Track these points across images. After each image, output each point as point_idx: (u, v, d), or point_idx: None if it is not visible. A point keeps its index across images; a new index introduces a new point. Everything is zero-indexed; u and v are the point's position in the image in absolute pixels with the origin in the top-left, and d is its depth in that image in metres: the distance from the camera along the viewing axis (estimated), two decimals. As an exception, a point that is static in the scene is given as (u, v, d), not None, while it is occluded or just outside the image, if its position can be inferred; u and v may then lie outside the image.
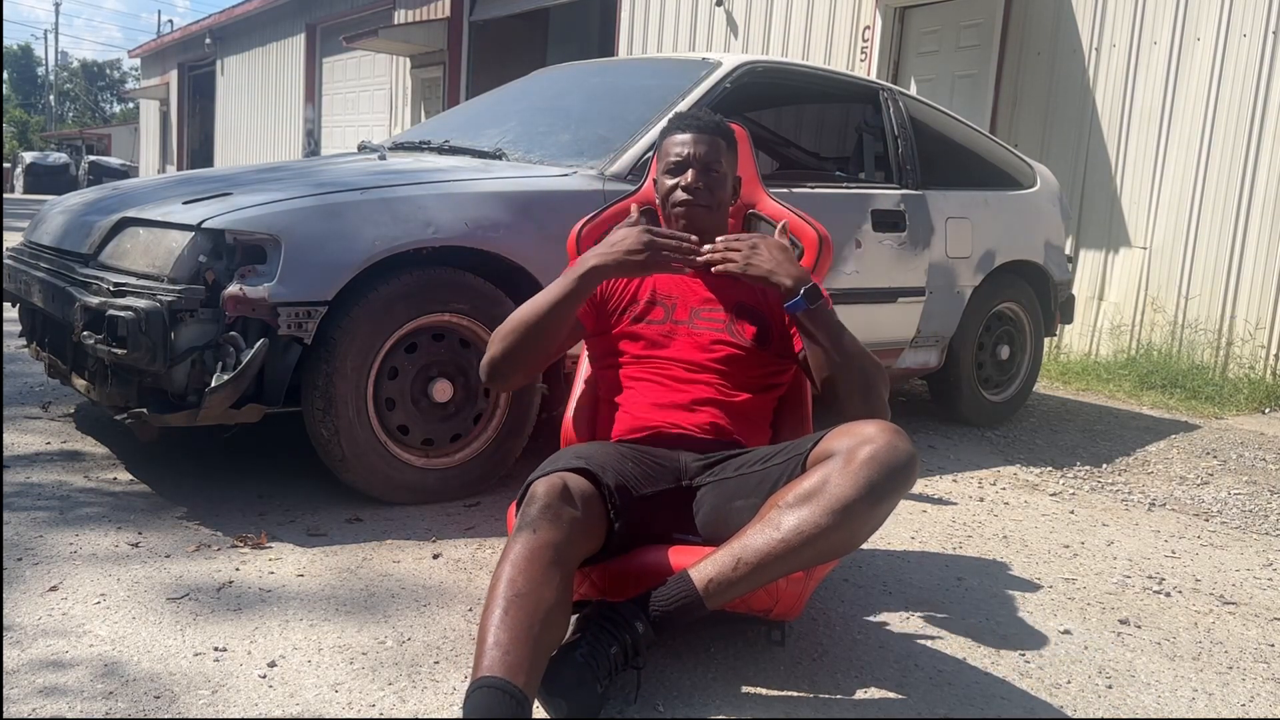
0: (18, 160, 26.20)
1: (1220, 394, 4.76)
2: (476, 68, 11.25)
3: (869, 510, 1.53)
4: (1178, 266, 5.33)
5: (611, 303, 1.96)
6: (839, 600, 2.10)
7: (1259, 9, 4.99)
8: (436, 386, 2.50)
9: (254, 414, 2.30)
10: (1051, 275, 4.11)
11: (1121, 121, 5.56)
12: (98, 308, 2.23)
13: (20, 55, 58.93)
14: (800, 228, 2.15)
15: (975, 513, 2.85)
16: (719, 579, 1.55)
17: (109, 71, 59.82)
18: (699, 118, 1.97)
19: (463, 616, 1.88)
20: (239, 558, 2.09)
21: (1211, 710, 1.76)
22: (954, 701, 1.69)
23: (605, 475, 1.66)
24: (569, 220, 2.20)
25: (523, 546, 1.49)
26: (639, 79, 3.56)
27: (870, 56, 6.75)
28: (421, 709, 1.54)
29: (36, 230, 2.95)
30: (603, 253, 1.77)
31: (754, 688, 1.67)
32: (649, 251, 1.74)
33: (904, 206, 3.49)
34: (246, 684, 1.58)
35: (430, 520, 2.41)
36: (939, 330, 3.68)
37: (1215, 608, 2.25)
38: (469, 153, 3.10)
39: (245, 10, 16.45)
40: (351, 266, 2.32)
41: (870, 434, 1.57)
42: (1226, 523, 2.95)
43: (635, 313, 1.94)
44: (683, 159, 1.92)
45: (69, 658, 1.62)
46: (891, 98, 3.66)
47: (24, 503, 2.32)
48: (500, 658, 1.37)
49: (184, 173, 3.45)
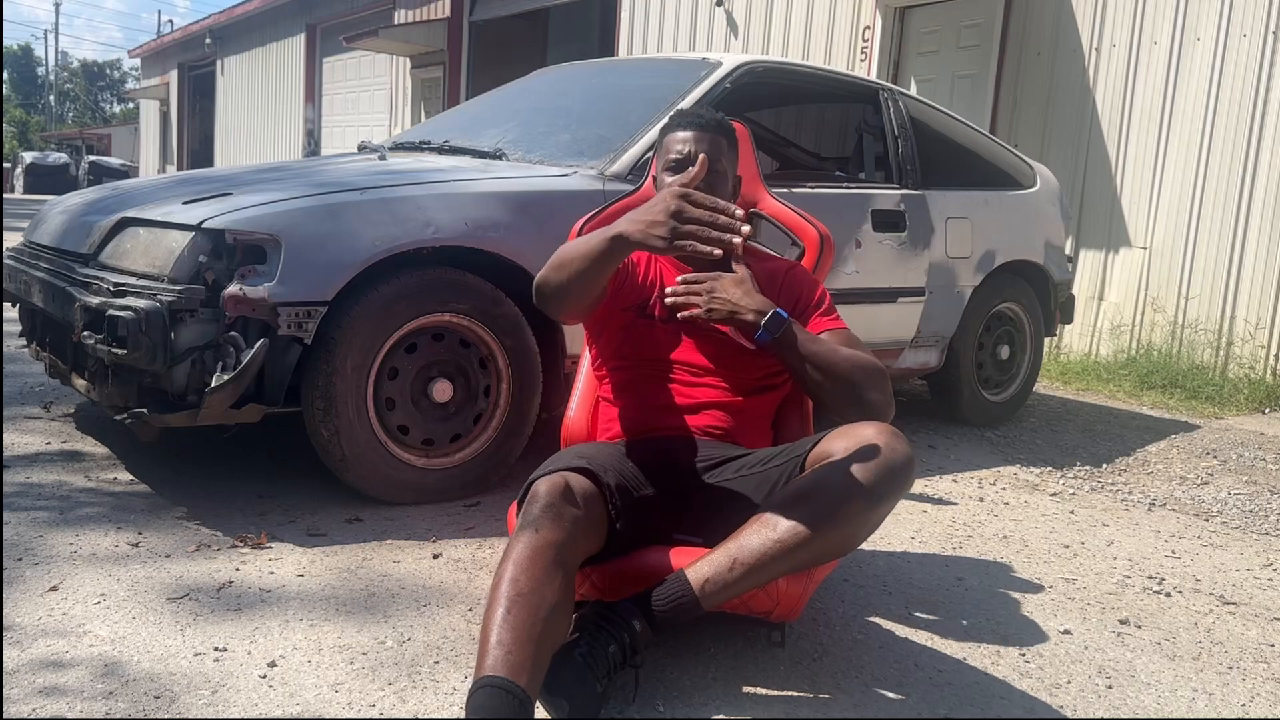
0: (18, 160, 26.21)
1: (1220, 394, 4.76)
2: (476, 68, 11.25)
3: (866, 512, 1.54)
4: (1178, 266, 5.33)
5: (630, 282, 1.90)
6: (839, 600, 2.10)
7: (1259, 9, 4.99)
8: (436, 387, 2.49)
9: (254, 414, 2.30)
10: (1051, 275, 4.11)
11: (1121, 121, 5.56)
12: (98, 308, 2.23)
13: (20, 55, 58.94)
14: (801, 227, 2.15)
15: (975, 513, 2.85)
16: (715, 579, 1.55)
17: (109, 71, 59.84)
18: (701, 115, 1.97)
19: (463, 616, 1.88)
20: (239, 558, 2.09)
21: (1211, 710, 1.76)
22: (954, 701, 1.69)
23: (606, 475, 1.66)
24: (569, 220, 2.20)
25: (525, 546, 1.49)
26: (639, 79, 3.56)
27: (870, 56, 6.75)
28: (421, 709, 1.54)
29: (36, 230, 2.95)
30: (633, 218, 1.56)
31: (754, 688, 1.67)
32: (670, 227, 1.49)
33: (904, 206, 3.49)
34: (246, 684, 1.58)
35: (430, 520, 2.41)
36: (939, 330, 3.68)
37: (1215, 608, 2.25)
38: (469, 153, 3.10)
39: (245, 10, 16.45)
40: (351, 266, 2.32)
41: (868, 436, 1.57)
42: (1226, 523, 2.95)
43: (645, 301, 1.90)
44: (684, 156, 1.91)
45: (69, 658, 1.62)
46: (892, 98, 3.66)
47: (24, 503, 2.32)
48: (503, 657, 1.37)
49: (184, 173, 3.45)
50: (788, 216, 2.18)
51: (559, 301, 1.73)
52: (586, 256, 1.63)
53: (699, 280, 1.77)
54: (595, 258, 1.62)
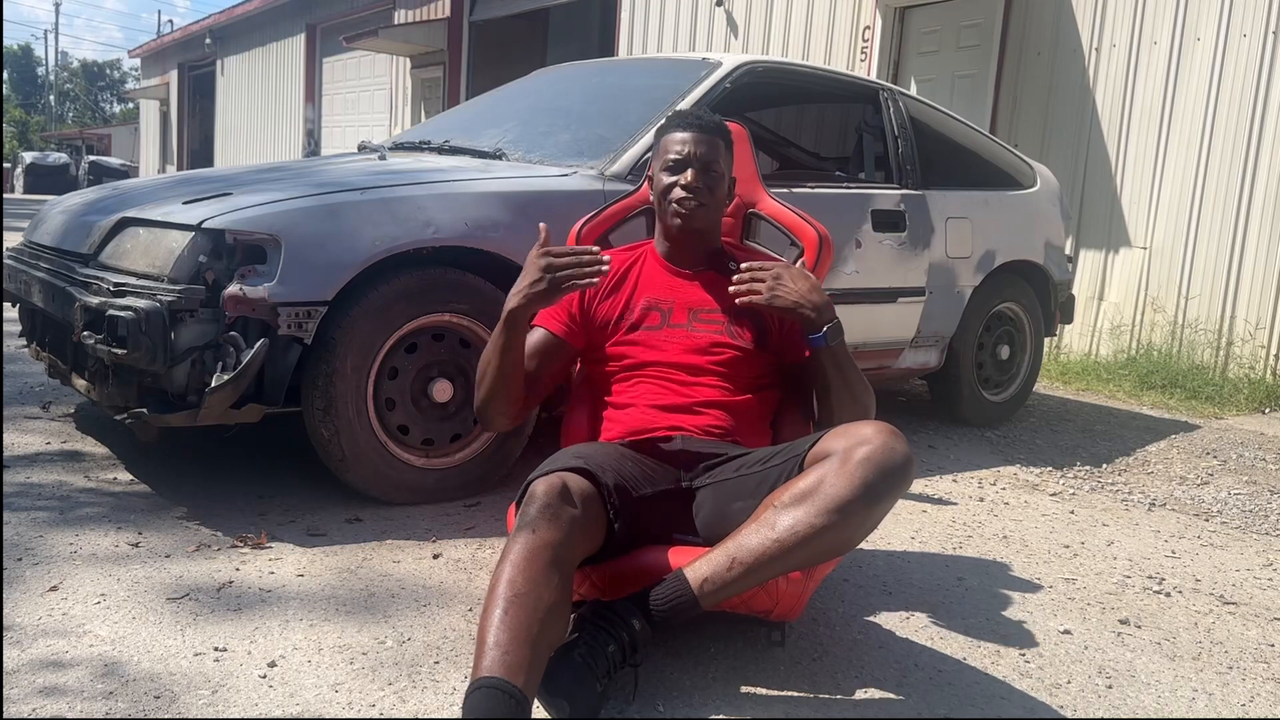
0: (18, 160, 26.21)
1: (1220, 394, 4.76)
2: (476, 68, 11.25)
3: (864, 511, 1.54)
4: (1178, 266, 5.33)
5: (600, 319, 1.96)
6: (839, 600, 2.10)
7: (1259, 9, 4.99)
8: (436, 386, 2.50)
9: (254, 414, 2.30)
10: (1051, 275, 4.11)
11: (1121, 121, 5.56)
12: (98, 308, 2.23)
13: (20, 55, 58.94)
14: (799, 227, 2.15)
15: (975, 513, 2.85)
16: (714, 578, 1.55)
17: (109, 71, 59.83)
18: (698, 116, 1.97)
19: (463, 616, 1.88)
20: (239, 558, 2.09)
21: (1211, 710, 1.76)
22: (954, 701, 1.69)
23: (604, 475, 1.66)
24: (569, 220, 2.20)
25: (522, 546, 1.49)
26: (639, 79, 3.56)
27: (870, 56, 6.75)
28: (421, 709, 1.54)
29: (36, 230, 2.95)
30: (514, 291, 1.75)
31: (754, 688, 1.67)
32: (548, 277, 1.71)
33: (904, 206, 3.49)
34: (246, 684, 1.58)
35: (430, 520, 2.41)
36: (939, 330, 3.68)
37: (1215, 608, 2.25)
38: (469, 153, 3.10)
39: (245, 10, 16.45)
40: (351, 266, 2.32)
41: (867, 435, 1.57)
42: (1226, 523, 2.95)
43: (631, 321, 1.94)
44: (682, 157, 1.92)
45: (69, 658, 1.62)
46: (891, 98, 3.66)
47: (24, 503, 2.32)
48: (500, 658, 1.37)
49: (184, 173, 3.45)
50: (786, 217, 2.18)
51: (499, 409, 1.86)
52: (495, 352, 1.79)
53: (764, 268, 1.81)
54: (501, 347, 1.78)
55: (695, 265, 1.99)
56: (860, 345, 3.36)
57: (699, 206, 1.91)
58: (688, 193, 1.90)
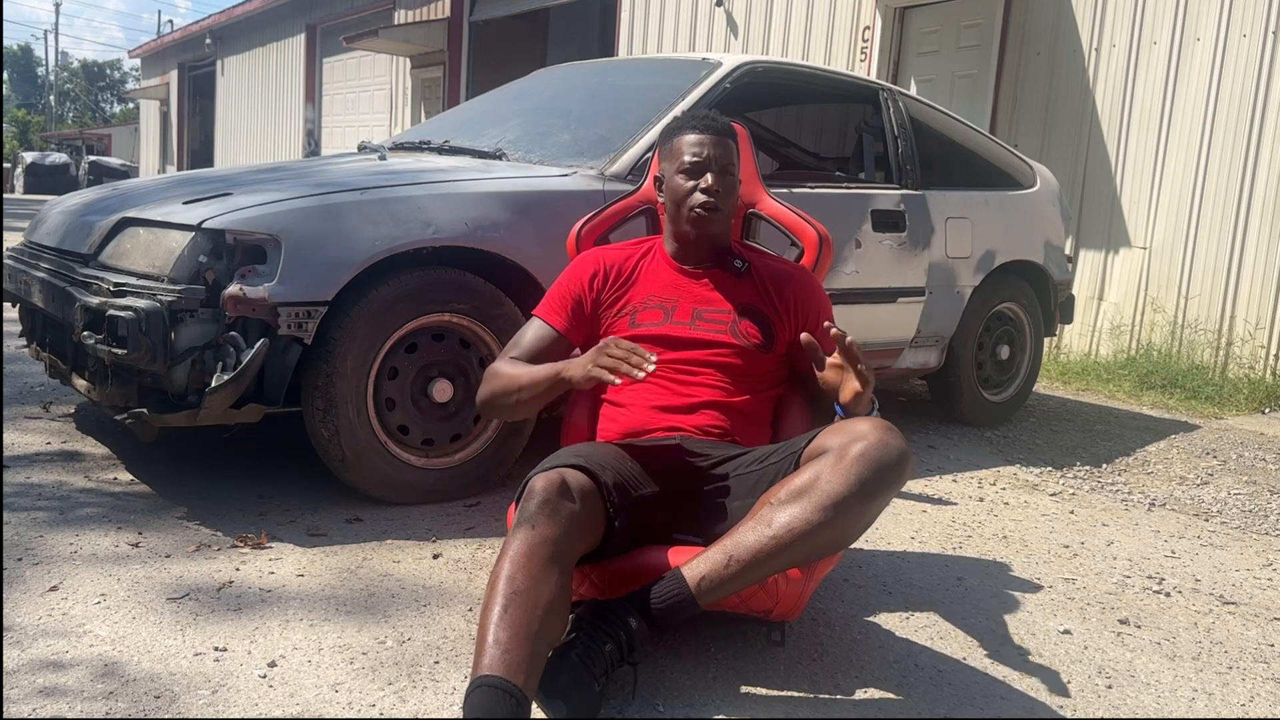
0: (18, 160, 26.21)
1: (1220, 394, 4.76)
2: (476, 68, 11.25)
3: (860, 507, 1.54)
4: (1178, 266, 5.33)
5: (602, 315, 1.96)
6: (839, 600, 2.10)
7: (1259, 9, 4.99)
8: (436, 386, 2.50)
9: (254, 414, 2.30)
10: (1051, 275, 4.11)
11: (1121, 121, 5.56)
12: (98, 308, 2.23)
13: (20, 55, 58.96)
14: (799, 227, 2.16)
15: (975, 513, 2.85)
16: (711, 576, 1.55)
17: (109, 71, 59.83)
18: (714, 119, 1.96)
19: (463, 616, 1.88)
20: (239, 558, 2.09)
21: (1211, 710, 1.76)
22: (954, 701, 1.69)
23: (604, 473, 1.66)
24: (569, 220, 2.20)
25: (521, 543, 1.49)
26: (639, 79, 3.56)
27: (870, 57, 6.75)
28: (421, 709, 1.54)
29: (36, 230, 2.95)
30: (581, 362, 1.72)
31: (754, 688, 1.67)
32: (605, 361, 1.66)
33: (904, 206, 3.49)
34: (246, 684, 1.58)
35: (430, 520, 2.41)
36: (939, 330, 3.68)
37: (1215, 608, 2.25)
38: (469, 153, 3.10)
39: (245, 10, 16.44)
40: (351, 266, 2.32)
41: (863, 431, 1.57)
42: (1226, 523, 2.95)
43: (632, 318, 1.93)
44: (701, 160, 1.91)
45: (69, 658, 1.62)
46: (891, 98, 3.66)
47: (24, 503, 2.32)
48: (500, 656, 1.37)
49: (184, 173, 3.45)
50: (786, 217, 2.18)
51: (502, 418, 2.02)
52: (530, 396, 1.83)
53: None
54: (538, 396, 1.82)
55: (702, 264, 1.99)
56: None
57: (718, 210, 1.91)
58: (709, 196, 1.89)
